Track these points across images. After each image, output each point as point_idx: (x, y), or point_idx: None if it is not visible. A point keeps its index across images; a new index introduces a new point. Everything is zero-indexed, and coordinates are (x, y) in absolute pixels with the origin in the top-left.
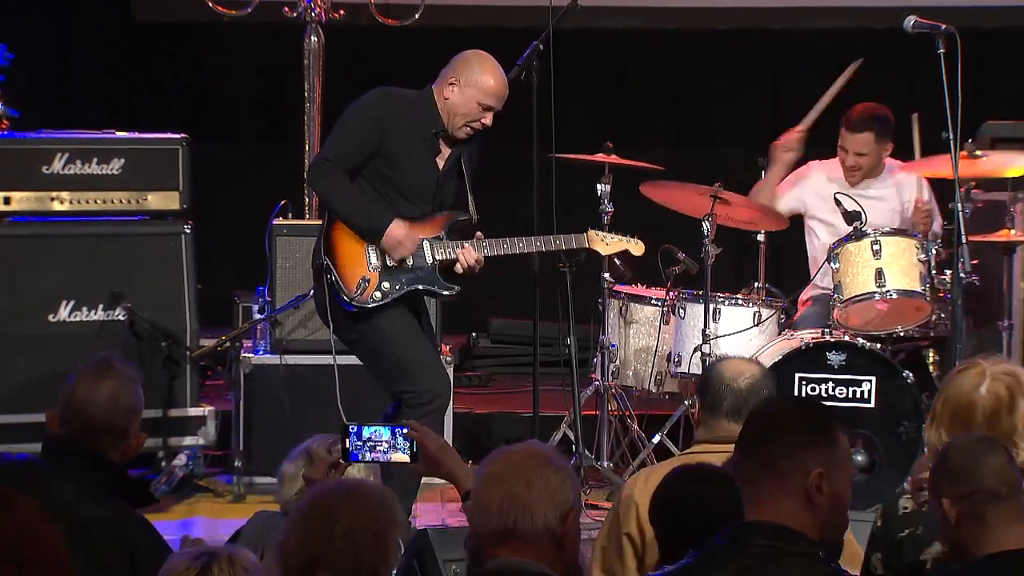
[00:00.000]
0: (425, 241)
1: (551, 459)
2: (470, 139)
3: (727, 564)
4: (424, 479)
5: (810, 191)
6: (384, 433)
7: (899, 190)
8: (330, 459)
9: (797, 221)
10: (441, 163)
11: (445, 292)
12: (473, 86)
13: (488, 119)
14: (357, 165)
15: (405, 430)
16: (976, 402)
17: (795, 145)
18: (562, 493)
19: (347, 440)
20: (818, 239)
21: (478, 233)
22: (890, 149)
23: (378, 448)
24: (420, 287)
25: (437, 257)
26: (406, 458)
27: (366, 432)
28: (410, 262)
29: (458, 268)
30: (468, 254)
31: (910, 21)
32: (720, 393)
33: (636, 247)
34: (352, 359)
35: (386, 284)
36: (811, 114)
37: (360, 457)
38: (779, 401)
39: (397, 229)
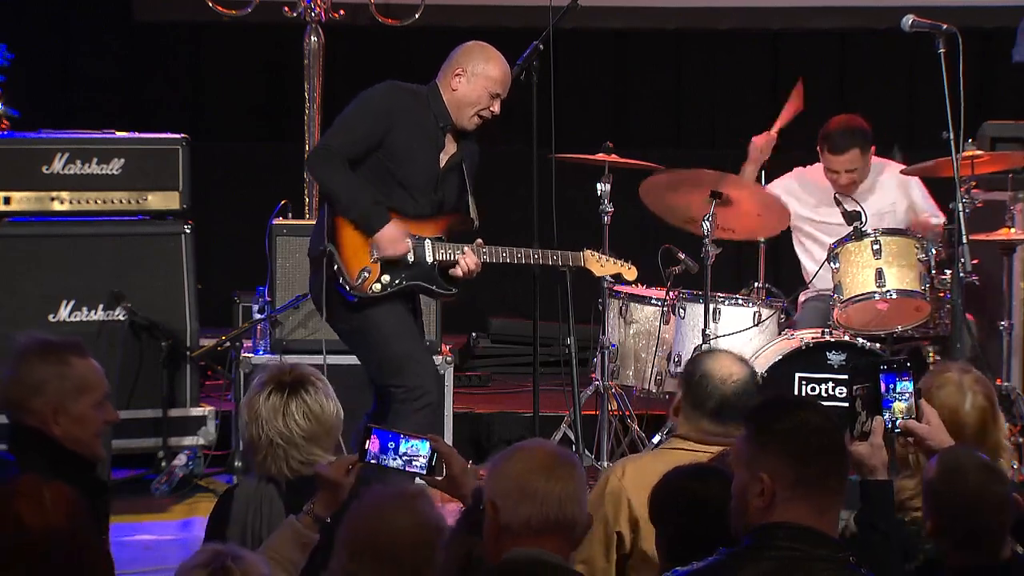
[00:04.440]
0: (427, 240)
1: (578, 460)
2: (471, 140)
3: (747, 567)
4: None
5: (796, 203)
6: (420, 447)
7: (888, 192)
8: (347, 460)
9: None
10: (444, 159)
11: (442, 292)
12: (481, 74)
13: (496, 107)
14: (359, 155)
15: (428, 443)
16: (964, 420)
17: (768, 148)
18: (587, 491)
19: (368, 441)
20: (806, 254)
21: (479, 239)
22: (873, 152)
23: (406, 456)
24: (419, 284)
25: (438, 257)
26: (423, 470)
27: (403, 445)
28: (411, 259)
29: (457, 271)
30: (468, 258)
31: (908, 20)
32: (707, 393)
33: (629, 272)
34: (347, 359)
35: (386, 277)
36: (779, 121)
37: (379, 461)
38: (825, 418)
39: (392, 229)
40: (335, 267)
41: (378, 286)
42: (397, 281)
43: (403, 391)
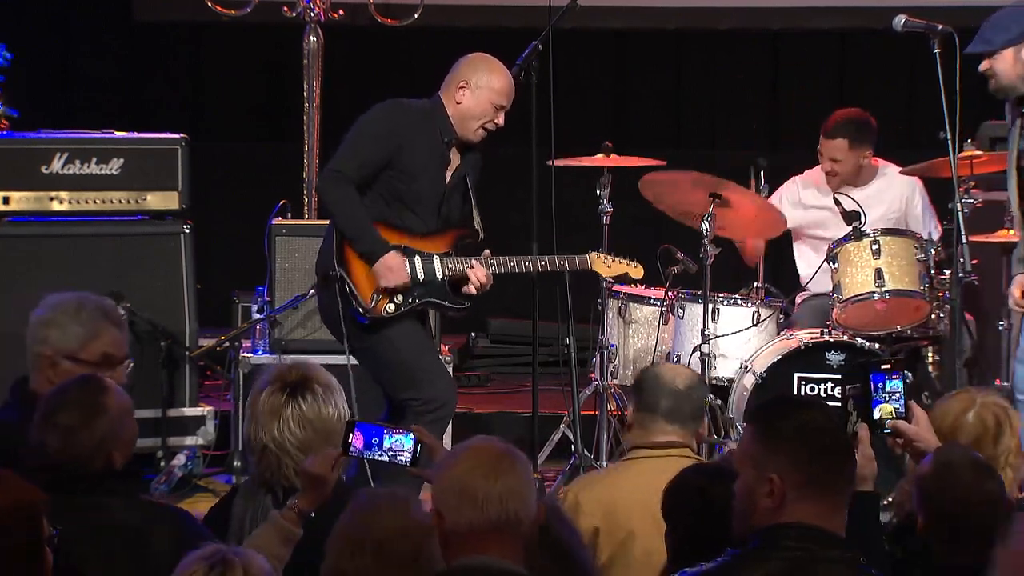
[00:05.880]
0: (436, 257)
1: (520, 454)
2: (473, 150)
3: (756, 567)
4: None
5: (794, 207)
6: (404, 441)
7: (888, 194)
8: (331, 454)
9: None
10: (449, 175)
11: (455, 308)
12: (485, 87)
13: (501, 119)
14: (368, 178)
15: (412, 436)
16: (961, 427)
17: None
18: (534, 487)
19: (351, 435)
20: (806, 256)
21: (486, 251)
22: (869, 155)
23: (391, 450)
24: (432, 301)
25: (448, 272)
26: (408, 463)
27: (387, 439)
28: (422, 276)
29: (470, 288)
30: (478, 271)
31: (900, 21)
32: (658, 394)
33: (635, 271)
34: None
35: (399, 296)
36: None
37: (363, 455)
38: (828, 418)
39: (392, 259)
40: (347, 291)
41: (392, 307)
42: (410, 300)
43: (419, 403)
